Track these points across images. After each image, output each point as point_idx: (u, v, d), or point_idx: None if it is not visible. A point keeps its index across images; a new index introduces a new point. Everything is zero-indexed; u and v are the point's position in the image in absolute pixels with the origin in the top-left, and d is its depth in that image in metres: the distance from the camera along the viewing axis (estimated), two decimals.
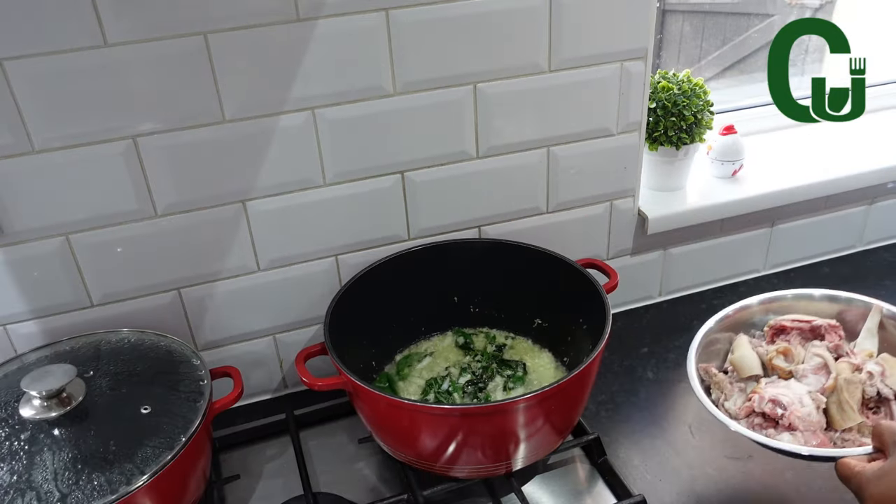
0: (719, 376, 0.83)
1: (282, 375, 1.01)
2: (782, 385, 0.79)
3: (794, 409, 0.75)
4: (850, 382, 0.77)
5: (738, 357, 0.84)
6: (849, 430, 0.75)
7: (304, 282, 0.94)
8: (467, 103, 0.89)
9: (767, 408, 0.76)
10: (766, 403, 0.76)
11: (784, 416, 0.75)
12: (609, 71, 0.93)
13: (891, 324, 0.83)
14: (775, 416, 0.76)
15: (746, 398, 0.80)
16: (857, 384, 0.77)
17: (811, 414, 0.75)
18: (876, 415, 0.76)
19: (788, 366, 0.82)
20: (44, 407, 0.69)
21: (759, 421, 0.78)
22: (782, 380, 0.81)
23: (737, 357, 0.84)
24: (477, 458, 0.76)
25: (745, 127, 1.22)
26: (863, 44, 0.94)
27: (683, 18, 1.48)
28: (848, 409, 0.75)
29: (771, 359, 0.83)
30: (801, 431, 0.75)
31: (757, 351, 0.85)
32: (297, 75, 0.80)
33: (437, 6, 0.82)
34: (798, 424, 0.75)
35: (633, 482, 0.84)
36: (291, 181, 0.87)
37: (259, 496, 0.86)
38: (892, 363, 0.79)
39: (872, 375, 0.77)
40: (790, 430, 0.75)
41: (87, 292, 0.85)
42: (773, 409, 0.76)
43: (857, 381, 0.77)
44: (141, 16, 0.72)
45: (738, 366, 0.84)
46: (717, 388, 0.83)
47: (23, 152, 0.75)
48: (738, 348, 0.86)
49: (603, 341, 0.76)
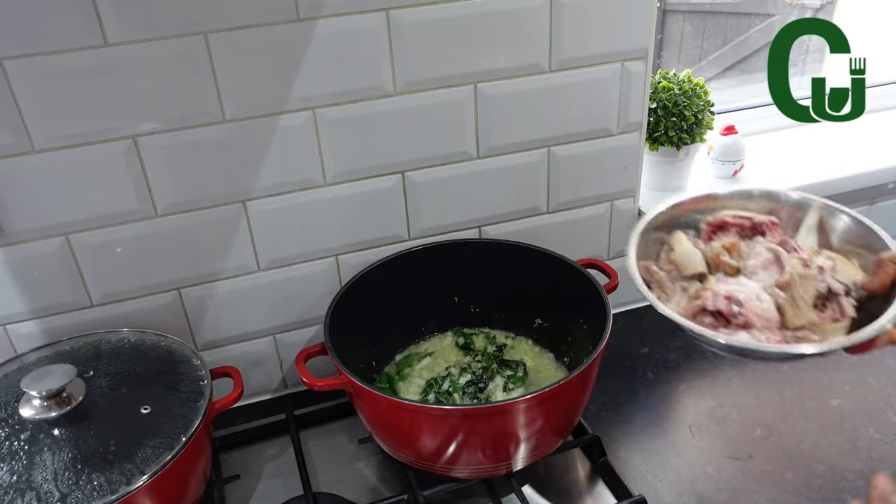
0: (660, 274, 0.75)
1: (282, 375, 1.01)
2: (734, 281, 0.73)
3: (751, 305, 0.68)
4: (804, 277, 0.71)
5: (679, 254, 0.76)
6: (800, 328, 0.70)
7: (304, 282, 0.94)
8: (468, 103, 0.89)
9: (722, 305, 0.69)
10: (720, 300, 0.69)
11: (741, 313, 0.68)
12: (609, 71, 0.93)
13: (831, 221, 0.77)
14: (730, 314, 0.68)
15: (692, 297, 0.72)
16: (811, 279, 0.71)
17: (769, 310, 0.69)
18: (824, 312, 0.71)
19: (737, 262, 0.75)
20: (44, 407, 0.69)
21: (708, 321, 0.70)
22: (731, 276, 0.74)
23: (678, 254, 0.76)
24: (477, 458, 0.76)
25: (745, 127, 1.22)
26: (863, 44, 0.94)
27: (684, 18, 1.48)
28: (802, 304, 0.70)
29: (717, 255, 0.75)
30: (757, 329, 0.68)
31: (698, 247, 0.77)
32: (298, 75, 0.80)
33: (438, 6, 0.82)
34: (755, 322, 0.68)
35: (634, 482, 0.84)
36: (292, 181, 0.87)
37: (259, 496, 0.86)
38: (840, 260, 0.74)
39: (823, 270, 0.72)
40: (745, 328, 0.68)
41: (87, 292, 0.85)
42: (729, 307, 0.68)
43: (811, 276, 0.71)
44: (141, 15, 0.72)
45: (681, 263, 0.75)
46: (657, 288, 0.75)
47: (23, 152, 0.75)
48: (679, 245, 0.77)
49: (603, 342, 0.76)
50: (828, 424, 0.91)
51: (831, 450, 0.87)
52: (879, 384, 0.97)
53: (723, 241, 0.77)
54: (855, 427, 0.90)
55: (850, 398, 0.95)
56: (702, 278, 0.75)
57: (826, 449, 0.87)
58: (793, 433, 0.90)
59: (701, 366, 1.03)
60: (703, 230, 0.79)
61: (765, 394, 0.97)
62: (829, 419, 0.92)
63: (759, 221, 0.78)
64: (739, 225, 0.78)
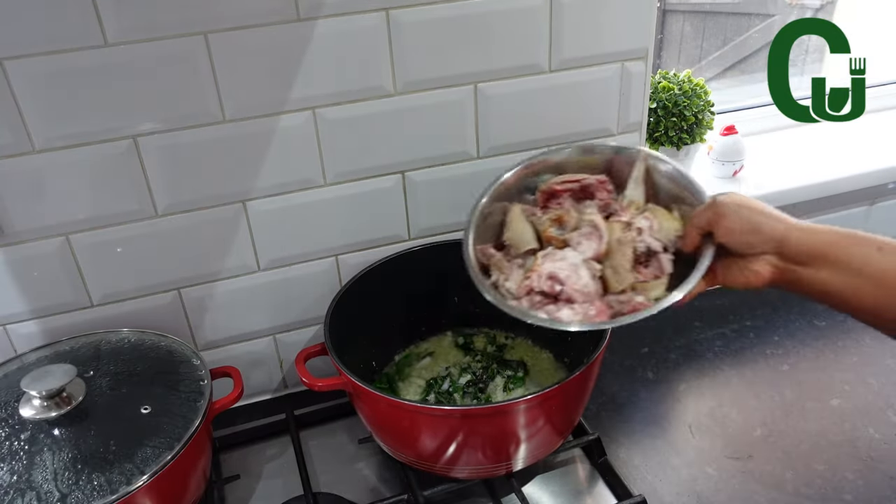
0: (496, 256, 0.77)
1: (282, 375, 1.01)
2: (559, 257, 0.74)
3: (571, 282, 0.71)
4: (621, 243, 0.73)
5: (511, 234, 0.78)
6: (623, 292, 0.72)
7: (304, 282, 0.94)
8: (468, 103, 0.89)
9: (546, 286, 0.71)
10: (544, 281, 0.71)
11: (563, 290, 0.71)
12: (610, 71, 0.93)
13: (655, 171, 0.79)
14: (554, 293, 0.71)
15: (525, 276, 0.74)
16: (628, 244, 0.73)
17: (588, 284, 0.71)
18: (647, 268, 0.74)
19: (562, 234, 0.76)
20: (44, 407, 0.69)
21: (538, 298, 0.72)
22: (559, 250, 0.75)
23: (510, 234, 0.78)
24: (477, 458, 0.76)
25: (745, 127, 1.22)
26: (863, 44, 0.94)
27: (684, 18, 1.48)
28: (622, 270, 0.73)
29: (545, 230, 0.77)
30: (579, 304, 0.71)
31: (532, 221, 0.79)
32: (298, 75, 0.80)
33: (438, 6, 0.82)
34: (577, 297, 0.71)
35: (634, 482, 0.84)
36: (292, 181, 0.87)
37: (259, 496, 0.86)
38: (661, 214, 0.76)
39: (642, 231, 0.73)
40: (569, 303, 0.71)
41: (87, 292, 0.85)
42: (552, 287, 0.71)
43: (628, 240, 0.73)
44: (141, 15, 0.72)
45: (514, 242, 0.77)
46: (496, 269, 0.76)
47: (23, 152, 0.75)
48: (512, 222, 0.79)
49: (604, 342, 0.76)
50: (828, 424, 0.91)
51: (831, 450, 0.87)
52: (879, 384, 0.97)
53: (550, 214, 0.78)
54: (855, 427, 0.90)
55: (850, 398, 0.95)
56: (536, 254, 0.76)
57: (826, 449, 0.87)
58: (793, 433, 0.90)
59: (701, 366, 1.03)
60: (538, 198, 0.80)
61: (765, 394, 0.97)
62: (829, 419, 0.92)
63: (588, 183, 0.79)
64: (569, 190, 0.80)
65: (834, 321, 1.11)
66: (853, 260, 0.59)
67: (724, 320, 1.13)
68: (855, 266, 0.59)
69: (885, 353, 1.03)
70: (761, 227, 0.63)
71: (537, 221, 0.78)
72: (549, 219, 0.77)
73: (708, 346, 1.07)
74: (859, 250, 0.59)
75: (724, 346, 1.07)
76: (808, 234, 0.62)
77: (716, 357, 1.05)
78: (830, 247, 0.61)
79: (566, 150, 0.81)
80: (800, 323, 1.11)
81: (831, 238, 0.61)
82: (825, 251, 0.61)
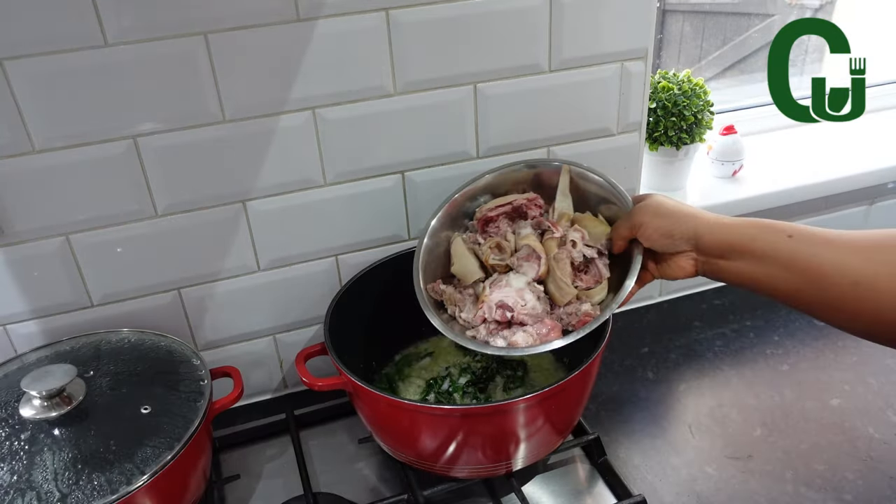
0: (447, 291, 0.81)
1: (282, 375, 1.01)
2: (504, 283, 0.78)
3: (519, 307, 0.75)
4: (558, 260, 0.78)
5: (457, 267, 0.82)
6: (569, 303, 0.77)
7: (304, 282, 0.94)
8: (468, 103, 0.89)
9: (497, 315, 0.76)
10: (495, 312, 0.76)
11: (514, 316, 0.75)
12: (609, 71, 0.93)
13: (581, 179, 0.84)
14: (506, 320, 0.76)
15: (478, 306, 0.78)
16: (565, 258, 0.78)
17: (535, 306, 0.76)
18: (587, 275, 0.79)
19: (503, 260, 0.80)
20: (44, 407, 0.69)
21: (493, 326, 0.77)
22: (503, 275, 0.79)
23: (456, 267, 0.82)
24: (477, 458, 0.76)
25: (745, 127, 1.22)
26: (863, 44, 0.94)
27: (684, 18, 1.48)
28: (563, 285, 0.77)
29: (486, 258, 0.80)
30: (531, 325, 0.75)
31: (474, 250, 0.83)
32: (298, 75, 0.80)
33: (438, 6, 0.82)
34: (527, 320, 0.75)
35: (633, 482, 0.84)
36: (292, 181, 0.87)
37: (259, 496, 0.86)
38: (589, 221, 0.82)
39: (576, 243, 0.78)
40: (522, 325, 0.76)
41: (87, 292, 0.85)
42: (503, 314, 0.76)
43: (564, 256, 0.78)
44: (141, 15, 0.72)
45: (461, 275, 0.82)
46: (449, 303, 0.81)
47: (23, 152, 0.75)
48: (456, 255, 0.83)
49: (603, 342, 0.76)
50: (828, 424, 0.91)
51: (831, 450, 0.87)
52: (879, 384, 0.97)
53: (490, 242, 0.82)
54: (855, 427, 0.90)
55: (850, 398, 0.95)
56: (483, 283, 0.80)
57: (826, 449, 0.87)
58: (793, 433, 0.90)
59: (701, 366, 1.04)
60: (476, 225, 0.85)
61: (765, 394, 0.97)
62: (829, 419, 0.92)
63: (520, 204, 0.84)
64: (504, 213, 0.84)
65: None
66: (763, 249, 0.63)
67: (724, 320, 1.13)
68: (765, 254, 0.63)
69: (884, 353, 1.03)
70: (674, 232, 0.69)
71: (479, 251, 0.83)
72: (489, 246, 0.81)
73: (708, 346, 1.07)
74: (769, 239, 0.63)
75: (724, 346, 1.07)
76: (718, 229, 0.67)
77: (716, 357, 1.05)
78: (741, 238, 0.65)
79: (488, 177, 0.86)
80: (800, 323, 1.11)
81: (741, 230, 0.65)
82: (736, 243, 0.65)
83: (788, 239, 0.61)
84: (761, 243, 0.63)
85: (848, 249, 0.58)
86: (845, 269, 0.57)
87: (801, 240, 0.61)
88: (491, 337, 0.76)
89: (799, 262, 0.60)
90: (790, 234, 0.61)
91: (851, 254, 0.57)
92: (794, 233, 0.61)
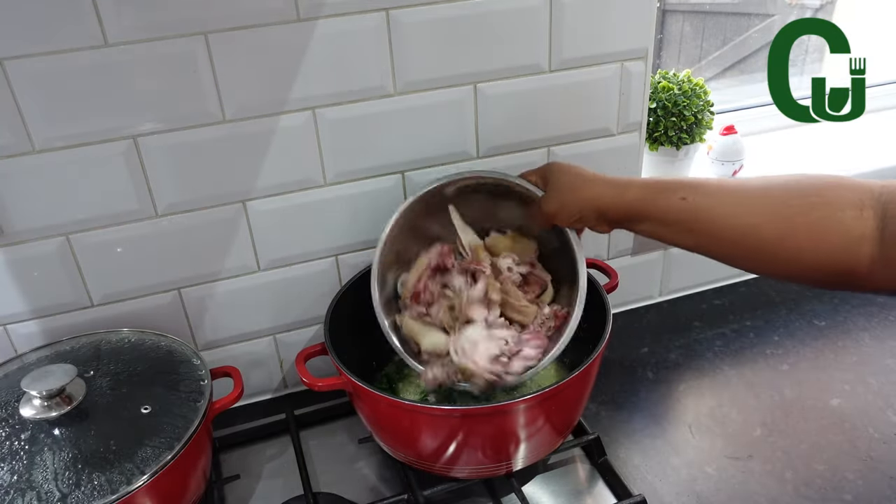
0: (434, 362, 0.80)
1: (282, 375, 1.01)
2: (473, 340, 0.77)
3: (498, 349, 0.76)
4: (505, 292, 0.80)
5: (427, 345, 0.81)
6: (535, 318, 0.81)
7: (304, 282, 0.94)
8: (468, 103, 0.89)
9: (494, 368, 0.75)
10: (488, 365, 0.75)
11: (503, 356, 0.77)
12: (609, 71, 0.93)
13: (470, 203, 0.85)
14: (504, 363, 0.77)
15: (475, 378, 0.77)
16: (510, 287, 0.81)
17: (512, 335, 0.78)
18: (529, 285, 0.83)
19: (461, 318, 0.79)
20: (44, 407, 0.69)
21: (498, 364, 0.78)
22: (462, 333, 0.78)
23: (426, 346, 0.81)
24: (477, 458, 0.76)
25: (745, 127, 1.22)
26: (863, 44, 0.94)
27: (684, 18, 1.48)
28: (522, 307, 0.80)
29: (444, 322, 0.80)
30: (522, 352, 0.77)
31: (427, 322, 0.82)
32: (298, 75, 0.80)
33: (438, 6, 0.82)
34: (515, 349, 0.78)
35: (633, 482, 0.84)
36: (292, 181, 0.87)
37: (259, 496, 0.86)
38: (501, 242, 0.85)
39: (511, 269, 0.82)
40: (516, 354, 0.78)
41: (87, 292, 0.85)
42: (498, 361, 0.76)
43: (508, 287, 0.81)
44: (142, 15, 0.73)
45: (433, 352, 0.80)
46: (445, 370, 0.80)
47: (23, 152, 0.75)
48: (419, 336, 0.82)
49: (603, 342, 0.76)
50: (828, 424, 0.91)
51: (831, 450, 0.87)
52: (879, 384, 0.97)
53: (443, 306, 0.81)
54: (855, 427, 0.90)
55: (850, 398, 0.95)
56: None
57: (826, 449, 0.87)
58: (793, 433, 0.90)
59: (701, 366, 1.04)
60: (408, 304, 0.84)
61: (765, 394, 0.97)
62: (829, 419, 0.92)
63: (435, 263, 0.83)
64: (427, 278, 0.83)
65: (834, 321, 1.11)
66: (660, 213, 0.67)
67: (724, 320, 1.13)
68: (664, 218, 0.67)
69: (884, 353, 1.03)
70: (582, 215, 0.73)
71: (433, 321, 0.82)
72: (445, 309, 0.81)
73: (708, 346, 1.07)
74: (662, 205, 0.66)
75: (724, 346, 1.07)
76: (618, 201, 0.70)
77: (716, 357, 1.05)
78: (639, 203, 0.68)
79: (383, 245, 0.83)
80: (800, 323, 1.11)
81: (638, 195, 0.69)
82: (635, 212, 0.69)
83: (682, 201, 0.65)
84: (657, 209, 0.67)
85: (734, 203, 0.63)
86: (735, 221, 0.62)
87: (693, 199, 0.64)
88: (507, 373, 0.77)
89: (694, 221, 0.64)
90: (683, 196, 0.65)
91: (737, 206, 0.62)
92: (687, 193, 0.65)
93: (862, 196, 0.56)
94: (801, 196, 0.59)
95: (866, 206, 0.56)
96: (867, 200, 0.56)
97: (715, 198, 0.64)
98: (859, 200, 0.56)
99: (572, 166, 0.76)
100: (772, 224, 0.60)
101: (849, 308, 1.13)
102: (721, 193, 0.64)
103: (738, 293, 1.19)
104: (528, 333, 0.79)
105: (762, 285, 1.20)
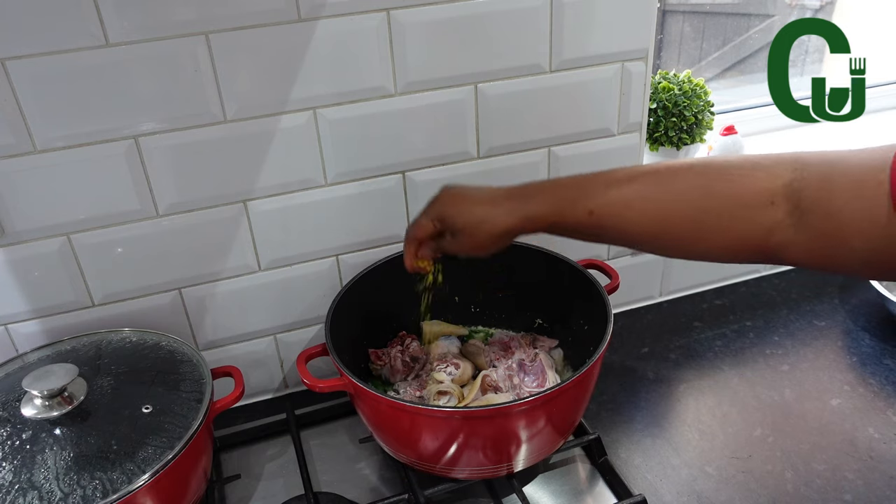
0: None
1: (283, 375, 1.01)
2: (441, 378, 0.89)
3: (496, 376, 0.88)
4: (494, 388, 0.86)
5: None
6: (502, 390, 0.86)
7: (304, 282, 0.94)
8: (468, 103, 0.89)
9: (501, 379, 0.87)
10: (523, 390, 0.86)
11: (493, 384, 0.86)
12: (610, 71, 0.93)
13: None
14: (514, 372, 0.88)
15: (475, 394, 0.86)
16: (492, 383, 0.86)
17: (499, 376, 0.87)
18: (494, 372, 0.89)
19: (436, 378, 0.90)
20: (45, 406, 0.69)
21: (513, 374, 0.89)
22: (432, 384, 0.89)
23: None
24: (478, 459, 0.76)
25: (745, 127, 1.22)
26: (863, 44, 0.94)
27: (684, 19, 1.48)
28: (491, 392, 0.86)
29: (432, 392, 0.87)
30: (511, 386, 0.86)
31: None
32: (299, 75, 0.81)
33: (438, 6, 0.82)
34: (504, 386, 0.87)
35: (634, 482, 0.84)
36: (292, 181, 0.87)
37: (260, 496, 0.86)
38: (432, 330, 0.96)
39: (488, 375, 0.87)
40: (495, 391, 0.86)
41: (88, 292, 0.85)
42: (498, 382, 0.86)
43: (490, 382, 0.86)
44: (143, 15, 0.73)
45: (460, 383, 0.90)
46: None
47: (24, 152, 0.75)
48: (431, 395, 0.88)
49: (604, 343, 0.76)
50: (828, 424, 0.91)
51: (831, 450, 0.87)
52: (879, 384, 0.97)
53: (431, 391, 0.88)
54: (855, 427, 0.90)
55: (850, 398, 0.95)
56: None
57: (826, 449, 0.87)
58: (793, 433, 0.90)
59: (701, 366, 1.04)
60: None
61: (765, 394, 0.97)
62: (829, 419, 0.92)
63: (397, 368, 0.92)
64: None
65: (834, 321, 1.11)
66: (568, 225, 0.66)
67: (724, 320, 1.13)
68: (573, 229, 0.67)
69: (884, 354, 1.03)
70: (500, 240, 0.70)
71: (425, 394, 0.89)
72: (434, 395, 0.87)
73: (708, 346, 1.08)
74: (570, 217, 0.66)
75: (724, 346, 1.07)
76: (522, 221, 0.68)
77: (716, 357, 1.05)
78: (548, 217, 0.67)
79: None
80: (800, 323, 1.11)
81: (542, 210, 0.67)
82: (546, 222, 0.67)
83: (589, 216, 0.64)
84: (566, 222, 0.66)
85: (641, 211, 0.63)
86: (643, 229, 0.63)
87: (599, 214, 0.64)
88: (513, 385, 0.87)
89: (603, 231, 0.65)
90: (590, 209, 0.64)
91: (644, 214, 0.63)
92: (593, 205, 0.64)
93: (772, 186, 0.57)
94: (710, 196, 0.60)
95: (777, 195, 0.57)
96: (778, 189, 0.57)
97: (622, 206, 0.63)
98: (768, 192, 0.57)
99: (465, 195, 0.72)
100: (681, 227, 0.61)
101: (849, 308, 1.13)
102: (630, 197, 0.63)
103: (738, 293, 1.19)
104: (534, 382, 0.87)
105: (762, 285, 1.21)
